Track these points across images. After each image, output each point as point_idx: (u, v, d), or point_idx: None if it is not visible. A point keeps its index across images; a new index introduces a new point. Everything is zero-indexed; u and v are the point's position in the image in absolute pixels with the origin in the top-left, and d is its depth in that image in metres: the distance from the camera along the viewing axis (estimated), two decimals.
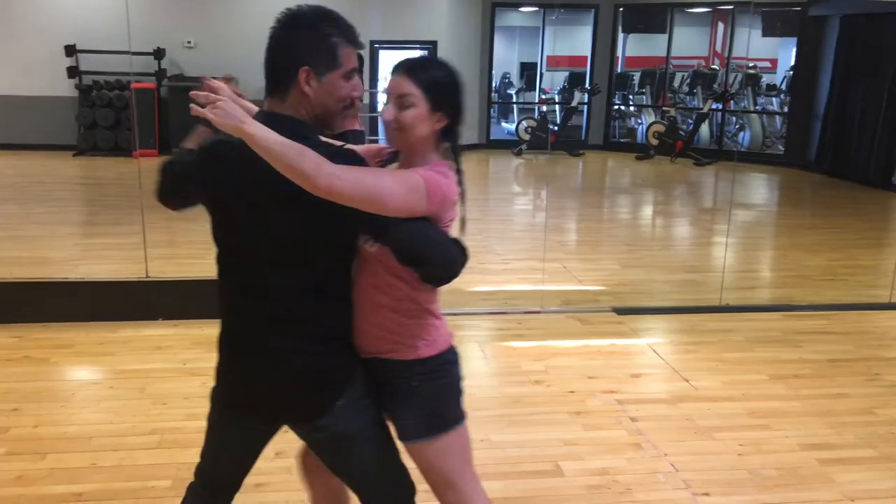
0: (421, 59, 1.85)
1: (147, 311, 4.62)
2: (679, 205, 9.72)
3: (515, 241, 7.34)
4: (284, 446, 2.36)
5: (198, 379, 3.80)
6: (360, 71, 1.86)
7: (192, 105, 1.66)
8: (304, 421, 1.88)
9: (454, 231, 1.84)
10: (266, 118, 1.69)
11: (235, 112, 1.60)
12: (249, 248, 1.80)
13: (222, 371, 1.91)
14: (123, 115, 11.21)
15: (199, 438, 2.87)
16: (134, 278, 4.72)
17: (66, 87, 11.33)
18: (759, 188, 11.09)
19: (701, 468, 3.18)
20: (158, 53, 11.07)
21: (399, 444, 1.96)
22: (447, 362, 1.92)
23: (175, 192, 1.95)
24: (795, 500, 2.98)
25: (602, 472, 3.11)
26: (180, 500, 2.08)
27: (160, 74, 11.29)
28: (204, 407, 1.99)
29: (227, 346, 1.89)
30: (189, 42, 11.60)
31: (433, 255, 1.74)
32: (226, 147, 1.75)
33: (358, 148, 1.90)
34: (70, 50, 11.12)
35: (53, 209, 7.85)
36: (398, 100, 1.76)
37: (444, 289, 1.90)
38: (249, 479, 2.07)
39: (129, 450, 3.19)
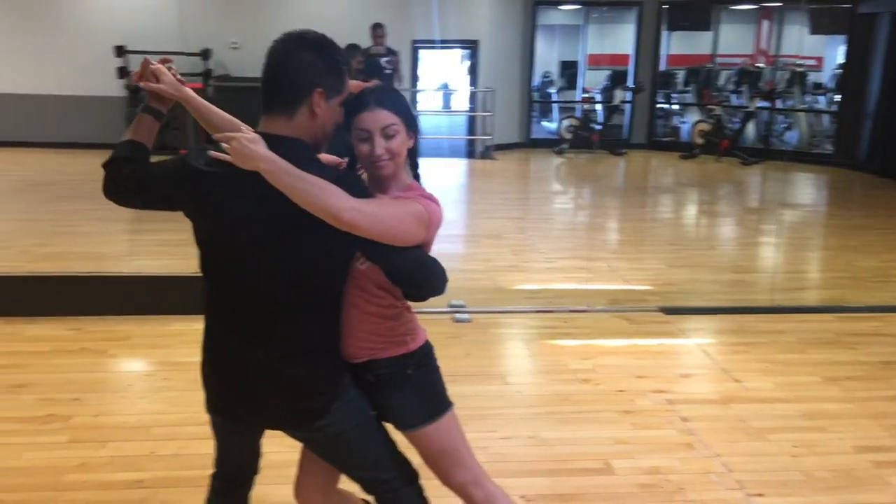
0: (381, 87, 1.96)
1: (199, 306, 4.70)
2: (725, 204, 9.60)
3: (559, 239, 7.32)
4: None
5: None
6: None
7: (214, 153, 1.75)
8: (299, 427, 1.95)
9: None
10: (273, 142, 1.73)
11: (249, 150, 1.67)
12: (240, 264, 1.82)
13: (207, 376, 1.97)
14: (171, 114, 11.38)
15: None
16: (186, 273, 4.81)
17: (115, 88, 11.58)
18: (807, 188, 10.90)
19: (754, 469, 3.15)
20: (205, 54, 11.25)
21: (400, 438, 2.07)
22: (429, 352, 2.07)
23: (123, 191, 1.95)
24: (850, 502, 2.94)
25: (653, 472, 3.10)
26: None
27: (207, 75, 11.48)
28: None
29: (212, 354, 1.94)
30: (235, 43, 11.77)
31: (426, 280, 1.86)
32: (216, 165, 1.76)
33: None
34: (120, 51, 11.35)
35: (105, 206, 7.99)
36: (384, 131, 1.84)
37: (488, 286, 1.93)
38: (292, 471, 2.13)
39: (186, 439, 3.27)
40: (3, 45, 11.20)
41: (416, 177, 1.99)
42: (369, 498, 2.13)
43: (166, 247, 6.27)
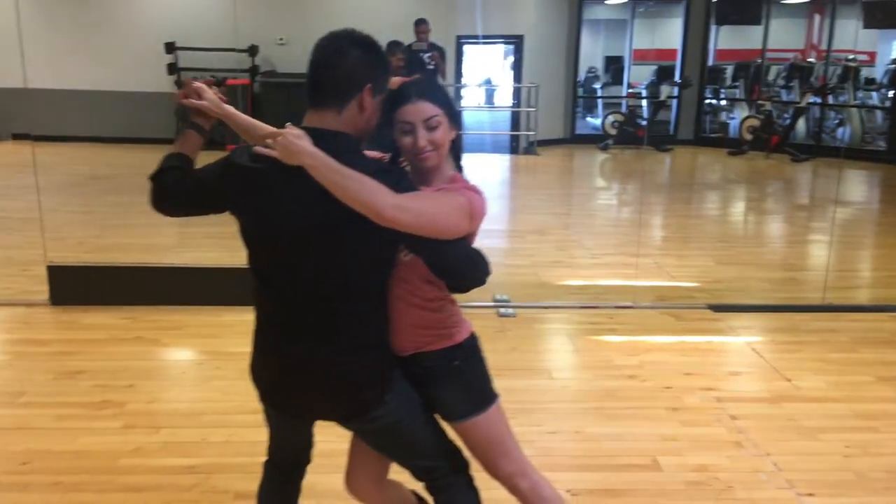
0: (422, 80, 2.00)
1: (247, 298, 4.78)
2: (774, 201, 9.43)
3: (604, 235, 7.27)
4: None
5: None
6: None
7: (259, 149, 1.77)
8: (351, 419, 1.98)
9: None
10: (318, 136, 1.75)
11: (294, 145, 1.69)
12: (286, 260, 1.85)
13: (258, 369, 2.01)
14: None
15: None
16: (235, 265, 4.90)
17: (166, 84, 11.81)
18: (859, 185, 10.64)
19: (805, 468, 3.10)
20: (252, 50, 11.41)
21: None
22: (475, 344, 2.07)
23: (172, 197, 1.97)
24: None
25: (702, 469, 3.07)
26: None
27: (253, 71, 11.64)
28: None
29: (263, 349, 1.98)
30: (281, 39, 11.91)
31: (470, 271, 1.85)
32: (260, 162, 1.78)
33: None
34: (170, 47, 11.57)
35: None
36: (426, 123, 1.85)
37: (532, 282, 1.93)
38: (344, 461, 2.16)
39: (237, 427, 3.33)
40: (60, 43, 11.48)
41: (459, 169, 1.99)
42: (419, 486, 2.15)
43: (215, 239, 6.37)
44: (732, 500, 2.88)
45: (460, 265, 1.82)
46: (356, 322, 1.88)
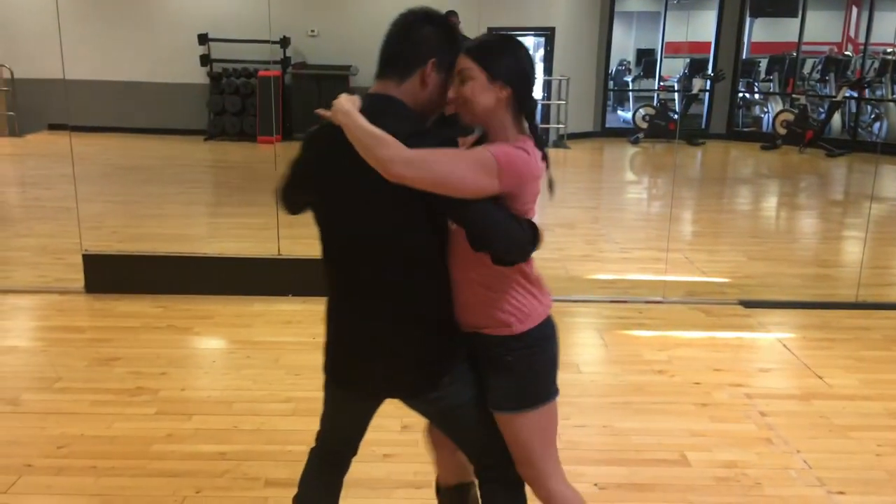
0: (482, 37, 1.88)
1: (278, 287, 4.84)
2: (808, 197, 9.29)
3: (634, 230, 7.23)
4: (411, 420, 2.43)
5: None
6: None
7: (320, 110, 1.85)
8: (413, 397, 1.97)
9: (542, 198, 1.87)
10: (374, 99, 1.82)
11: (339, 104, 1.78)
12: (345, 228, 1.87)
13: (329, 347, 2.01)
14: (249, 101, 11.69)
15: None
16: (267, 255, 4.96)
17: (198, 75, 11.94)
18: None
19: (836, 466, 3.07)
20: (284, 42, 11.48)
21: None
22: (542, 338, 1.96)
23: (290, 194, 2.02)
24: None
25: (730, 465, 3.05)
26: None
27: (285, 62, 11.71)
28: None
29: (334, 325, 1.98)
30: (313, 31, 11.96)
31: (495, 238, 1.75)
32: (324, 134, 1.85)
33: None
34: (203, 38, 11.68)
35: (189, 190, 8.32)
36: (459, 75, 1.83)
37: (561, 275, 1.90)
38: (378, 450, 2.16)
39: (267, 415, 3.38)
40: (96, 35, 11.64)
41: (538, 140, 1.85)
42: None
43: (246, 230, 6.48)
44: (761, 497, 2.86)
45: (485, 230, 1.74)
46: (416, 295, 1.87)
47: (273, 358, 3.99)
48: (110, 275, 4.90)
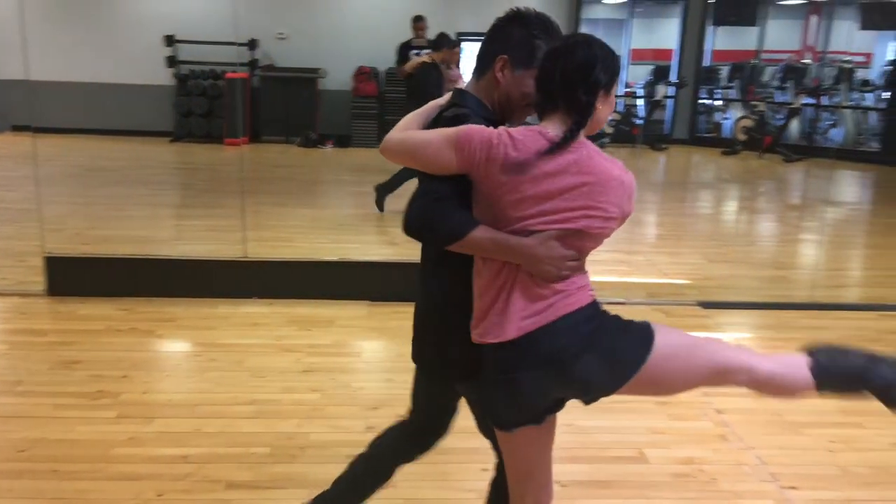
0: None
1: (244, 290, 4.84)
2: (766, 201, 9.50)
3: None
4: (377, 421, 2.44)
5: (292, 355, 3.98)
6: None
7: None
8: (451, 380, 2.04)
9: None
10: (455, 93, 1.95)
11: None
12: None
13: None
14: (216, 103, 11.63)
15: (296, 410, 3.05)
16: (233, 258, 4.95)
17: (164, 76, 11.84)
18: (851, 185, 10.71)
19: (789, 462, 3.16)
20: (252, 44, 11.45)
21: None
22: (504, 360, 1.84)
23: None
24: (888, 498, 2.94)
25: (687, 462, 3.13)
26: (278, 466, 2.21)
27: (253, 64, 11.67)
28: (298, 382, 2.12)
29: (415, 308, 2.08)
30: (281, 33, 11.93)
31: (414, 218, 1.76)
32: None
33: None
34: (169, 40, 11.60)
35: (154, 192, 8.25)
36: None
37: None
38: (343, 450, 2.19)
39: (231, 418, 3.38)
40: (61, 35, 11.49)
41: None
42: None
43: (212, 232, 6.45)
44: (716, 492, 2.94)
45: (410, 209, 1.77)
46: (447, 282, 1.92)
47: (237, 360, 3.98)
48: (72, 277, 4.85)
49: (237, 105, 11.29)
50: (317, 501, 2.30)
